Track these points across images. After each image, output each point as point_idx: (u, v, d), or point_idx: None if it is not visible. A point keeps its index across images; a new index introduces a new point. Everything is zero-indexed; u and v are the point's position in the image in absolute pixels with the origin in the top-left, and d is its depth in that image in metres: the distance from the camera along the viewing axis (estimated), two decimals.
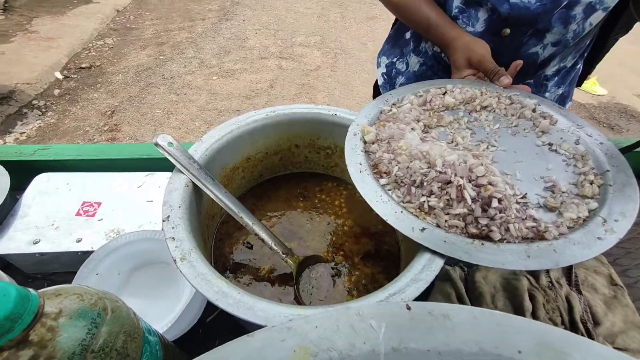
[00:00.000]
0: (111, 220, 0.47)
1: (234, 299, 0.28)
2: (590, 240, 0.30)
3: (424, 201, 0.34)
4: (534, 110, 0.46)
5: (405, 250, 0.48)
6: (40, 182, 0.51)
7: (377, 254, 0.49)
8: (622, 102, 2.78)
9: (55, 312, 0.19)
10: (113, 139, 2.10)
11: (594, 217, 0.32)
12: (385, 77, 0.80)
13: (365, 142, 0.42)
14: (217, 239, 0.48)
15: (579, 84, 0.73)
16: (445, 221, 0.33)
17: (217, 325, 0.44)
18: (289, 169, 0.60)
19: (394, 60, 0.78)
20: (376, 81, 0.85)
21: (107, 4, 4.03)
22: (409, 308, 0.20)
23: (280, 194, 0.57)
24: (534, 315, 0.44)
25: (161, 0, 4.32)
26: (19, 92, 2.45)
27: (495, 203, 0.32)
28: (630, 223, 0.31)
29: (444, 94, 0.48)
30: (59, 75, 2.70)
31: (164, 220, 0.34)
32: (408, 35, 0.73)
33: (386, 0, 0.65)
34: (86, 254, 0.41)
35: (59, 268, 0.47)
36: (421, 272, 0.32)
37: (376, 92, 0.87)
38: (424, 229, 0.33)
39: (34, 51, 2.88)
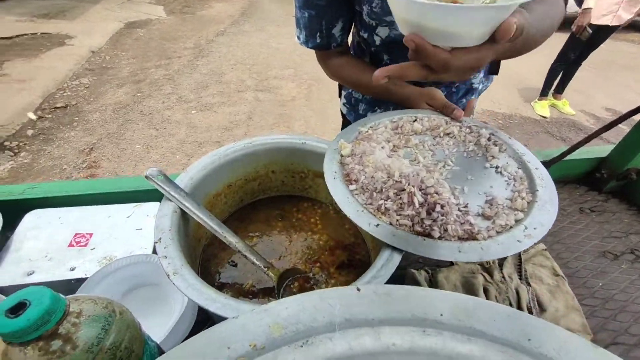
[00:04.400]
0: (103, 248, 0.50)
1: (221, 302, 0.33)
2: (511, 241, 0.37)
3: (381, 203, 0.41)
4: (489, 139, 0.52)
5: (375, 258, 0.54)
6: (32, 219, 0.54)
7: (351, 264, 0.55)
8: (570, 118, 3.08)
9: (77, 312, 0.23)
10: (92, 175, 2.08)
11: (519, 225, 0.39)
12: (347, 105, 0.90)
13: (342, 156, 0.49)
14: (204, 260, 0.53)
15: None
16: (397, 220, 0.39)
17: None
18: (267, 193, 0.65)
19: (350, 90, 0.88)
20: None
21: (82, 46, 4.10)
22: (358, 290, 0.26)
23: (260, 216, 0.62)
24: None
25: (136, 40, 4.44)
26: None
27: (438, 208, 0.39)
28: (546, 231, 0.38)
29: (414, 121, 0.55)
30: (32, 115, 2.68)
31: (156, 242, 0.39)
32: None
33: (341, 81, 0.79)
34: (80, 281, 0.45)
35: None
36: (380, 270, 0.38)
37: (344, 119, 0.97)
38: (378, 225, 0.39)
39: (5, 94, 2.86)
